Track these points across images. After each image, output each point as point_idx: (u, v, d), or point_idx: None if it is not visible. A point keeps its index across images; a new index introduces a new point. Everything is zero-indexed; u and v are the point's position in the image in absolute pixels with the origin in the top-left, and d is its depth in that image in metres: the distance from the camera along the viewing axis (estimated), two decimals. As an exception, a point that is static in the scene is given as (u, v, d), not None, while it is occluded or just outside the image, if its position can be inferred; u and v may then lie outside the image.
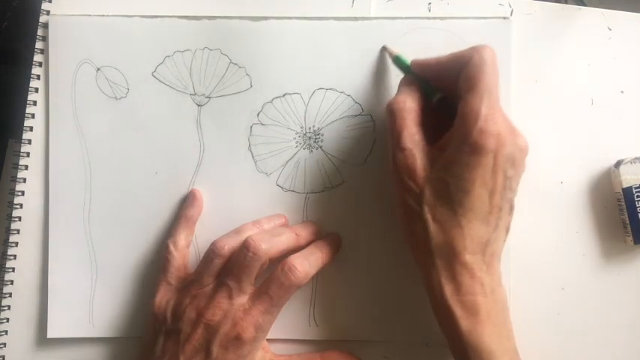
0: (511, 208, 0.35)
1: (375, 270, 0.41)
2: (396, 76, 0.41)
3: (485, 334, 0.32)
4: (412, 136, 0.35)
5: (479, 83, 0.33)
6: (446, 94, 0.36)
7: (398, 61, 0.40)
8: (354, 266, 0.41)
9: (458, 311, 0.32)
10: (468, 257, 0.33)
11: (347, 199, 0.41)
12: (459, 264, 0.33)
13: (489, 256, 0.34)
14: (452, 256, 0.33)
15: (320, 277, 0.41)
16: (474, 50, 0.34)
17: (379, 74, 0.41)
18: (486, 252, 0.33)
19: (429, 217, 0.34)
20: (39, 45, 0.42)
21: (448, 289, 0.33)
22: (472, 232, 0.33)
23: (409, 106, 0.35)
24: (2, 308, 0.41)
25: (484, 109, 0.32)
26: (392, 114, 0.36)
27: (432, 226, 0.33)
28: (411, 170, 0.34)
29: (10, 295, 0.42)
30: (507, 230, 0.35)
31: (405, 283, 0.41)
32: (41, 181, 0.42)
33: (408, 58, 0.39)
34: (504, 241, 0.35)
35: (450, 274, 0.33)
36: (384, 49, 0.41)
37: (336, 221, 0.41)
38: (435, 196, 0.33)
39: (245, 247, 0.36)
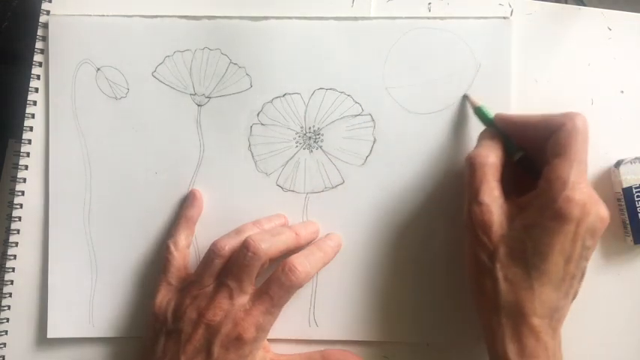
0: (582, 276, 0.35)
1: (375, 270, 0.41)
2: (396, 76, 0.41)
3: None
4: (491, 190, 0.35)
5: (569, 151, 0.33)
6: (527, 150, 0.37)
7: (480, 112, 0.39)
8: (354, 266, 0.41)
9: None
10: (537, 321, 0.33)
11: (347, 199, 0.41)
12: (526, 326, 0.33)
13: (556, 321, 0.34)
14: (520, 317, 0.33)
15: (320, 277, 0.41)
16: (567, 117, 0.34)
17: (379, 74, 0.41)
18: (554, 317, 0.33)
19: (500, 275, 0.33)
20: (39, 45, 0.42)
21: (512, 350, 0.33)
22: (543, 296, 0.33)
23: (491, 162, 0.35)
24: (2, 308, 0.41)
25: (572, 177, 0.32)
26: (472, 167, 0.35)
27: (503, 285, 0.33)
28: (486, 226, 0.34)
29: (10, 295, 0.42)
30: (575, 296, 0.35)
31: (405, 284, 0.41)
32: (41, 181, 0.42)
33: (491, 111, 0.38)
34: (570, 306, 0.35)
35: (516, 335, 0.33)
36: (465, 97, 0.41)
37: (336, 221, 0.41)
38: (509, 255, 0.33)
39: (245, 247, 0.36)
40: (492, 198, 0.35)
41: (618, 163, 0.40)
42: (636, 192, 0.40)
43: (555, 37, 0.42)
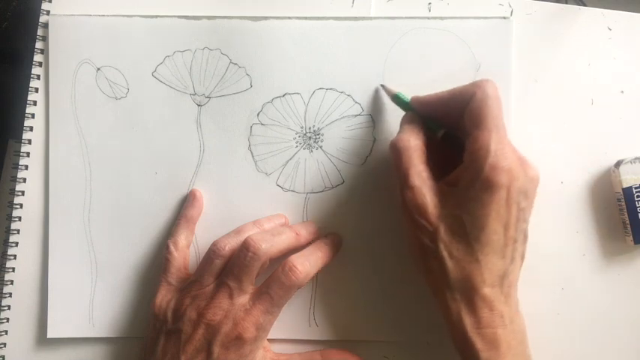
0: (525, 238, 0.35)
1: (375, 270, 0.41)
2: (396, 76, 0.41)
3: None
4: (419, 173, 0.35)
5: (485, 119, 0.33)
6: (448, 128, 0.37)
7: (397, 100, 0.39)
8: (354, 266, 0.41)
9: (478, 344, 0.33)
10: (487, 290, 0.33)
11: (347, 199, 0.41)
12: (479, 298, 0.33)
13: (507, 286, 0.34)
14: (471, 291, 0.33)
15: (320, 277, 0.41)
16: (476, 86, 0.34)
17: (379, 74, 0.41)
18: (504, 283, 0.34)
19: (445, 254, 0.34)
20: (39, 45, 0.42)
21: (468, 323, 0.33)
22: (489, 265, 0.33)
23: (414, 144, 0.35)
24: (2, 308, 0.41)
25: (493, 145, 0.32)
26: (397, 152, 0.36)
27: (449, 263, 0.34)
28: (421, 208, 0.34)
29: (10, 295, 0.42)
30: (523, 258, 0.35)
31: (405, 283, 0.41)
32: (41, 181, 0.42)
33: (408, 95, 0.38)
34: (520, 268, 0.35)
35: (470, 308, 0.33)
36: (382, 87, 0.41)
37: (336, 221, 0.41)
38: (449, 232, 0.34)
39: (245, 246, 0.36)
40: (422, 180, 0.35)
41: (618, 163, 0.40)
42: (636, 192, 0.40)
43: (555, 37, 0.42)
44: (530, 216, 0.35)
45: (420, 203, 0.34)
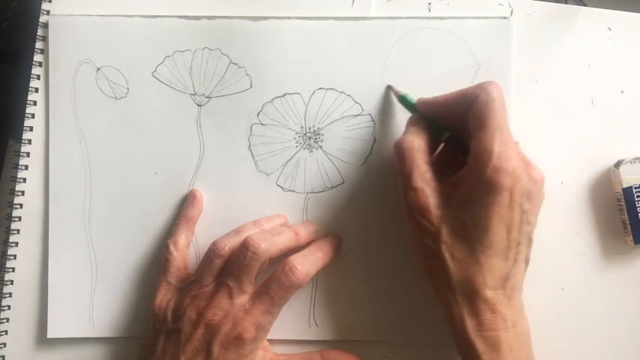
0: (530, 241, 0.35)
1: (375, 270, 0.41)
2: (396, 76, 0.41)
3: None
4: (423, 174, 0.35)
5: (489, 121, 0.33)
6: (454, 131, 0.37)
7: (403, 101, 0.39)
8: (354, 266, 0.41)
9: (480, 347, 0.32)
10: (489, 293, 0.33)
11: (347, 199, 0.41)
12: (481, 300, 0.33)
13: (510, 289, 0.34)
14: (473, 293, 0.33)
15: (320, 277, 0.41)
16: (480, 88, 0.34)
17: (379, 74, 0.41)
18: (507, 286, 0.34)
19: (447, 255, 0.34)
20: (39, 45, 0.42)
21: (470, 325, 0.33)
22: (492, 267, 0.33)
23: (418, 145, 0.35)
24: (2, 308, 0.41)
25: (497, 147, 0.32)
26: (400, 153, 0.36)
27: (451, 264, 0.33)
28: (424, 209, 0.34)
29: (10, 295, 0.42)
30: (527, 262, 0.35)
31: (405, 283, 0.41)
32: (41, 181, 0.42)
33: (414, 97, 0.39)
34: (524, 272, 0.35)
35: (472, 311, 0.33)
36: (389, 87, 0.41)
37: (336, 221, 0.41)
38: (451, 234, 0.34)
39: (245, 246, 0.36)
40: (425, 181, 0.35)
41: (618, 163, 0.40)
42: (636, 192, 0.40)
43: (555, 37, 0.42)
44: (535, 219, 0.35)
45: (423, 204, 0.34)
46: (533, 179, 0.33)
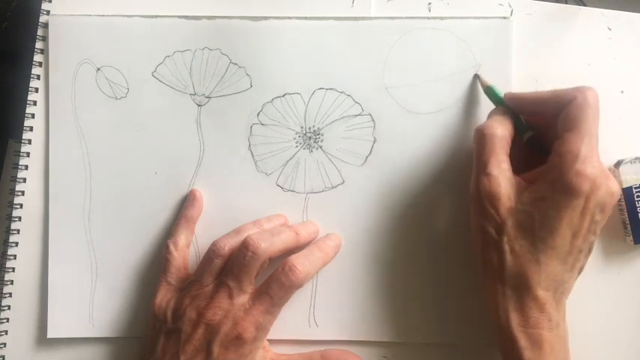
0: (589, 251, 0.35)
1: (375, 270, 0.41)
2: (396, 76, 0.41)
3: None
4: (500, 163, 0.35)
5: (581, 124, 0.33)
6: (536, 129, 0.36)
7: (490, 92, 0.39)
8: (354, 266, 0.41)
9: (522, 342, 0.33)
10: (541, 292, 0.33)
11: (347, 199, 0.41)
12: (531, 297, 0.33)
13: (560, 294, 0.34)
14: (524, 289, 0.33)
15: (320, 277, 0.41)
16: (578, 91, 0.34)
17: (379, 74, 0.41)
18: (558, 290, 0.34)
19: (507, 247, 0.33)
20: (39, 45, 0.42)
21: (515, 319, 0.33)
22: (549, 269, 0.33)
23: (500, 134, 0.35)
24: (2, 308, 0.41)
25: (584, 151, 0.32)
26: (481, 139, 0.35)
27: (509, 257, 0.33)
28: (494, 197, 0.34)
29: (10, 295, 0.42)
30: (581, 271, 0.35)
31: (405, 283, 0.41)
32: (41, 181, 0.42)
33: (501, 90, 0.39)
34: (575, 280, 0.35)
35: (519, 306, 0.33)
36: (476, 77, 0.41)
37: (336, 221, 0.41)
38: (516, 227, 0.33)
39: (244, 246, 0.36)
40: (501, 170, 0.34)
41: (618, 163, 0.40)
42: (636, 192, 0.40)
43: (555, 37, 0.42)
44: (600, 230, 0.34)
45: (495, 192, 0.34)
46: (610, 191, 0.33)
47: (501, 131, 0.35)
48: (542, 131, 0.36)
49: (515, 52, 0.41)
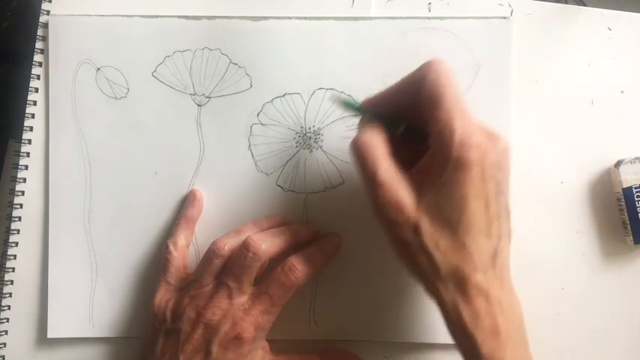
0: (508, 213, 0.33)
1: (376, 270, 0.41)
2: (396, 76, 0.41)
3: (507, 357, 0.31)
4: (387, 168, 0.33)
5: (443, 97, 0.32)
6: (408, 120, 0.35)
7: (348, 106, 0.37)
8: (354, 266, 0.41)
9: (479, 337, 0.31)
10: (480, 277, 0.31)
11: (347, 199, 0.41)
12: (473, 287, 0.31)
13: (499, 268, 0.32)
14: (464, 280, 0.31)
15: (320, 277, 0.41)
16: (425, 68, 0.33)
17: (379, 74, 0.41)
18: (496, 265, 0.32)
19: (430, 245, 0.32)
20: (39, 45, 0.42)
21: (466, 315, 0.31)
22: (478, 247, 0.32)
23: (376, 140, 0.33)
24: (2, 308, 0.41)
25: (457, 122, 0.31)
26: (359, 151, 0.33)
27: (437, 254, 0.32)
28: (396, 204, 0.32)
29: (10, 295, 0.42)
30: (510, 237, 0.34)
31: (405, 283, 0.41)
32: (41, 181, 0.42)
33: (358, 99, 0.37)
34: (509, 247, 0.34)
35: (466, 299, 0.31)
36: (331, 98, 0.41)
37: (336, 221, 0.41)
38: (431, 223, 0.32)
39: (245, 246, 0.36)
40: (390, 174, 0.33)
41: (618, 163, 0.40)
42: (636, 192, 0.40)
43: (555, 37, 0.42)
44: (507, 188, 0.33)
45: (394, 199, 0.32)
46: (500, 149, 0.32)
47: (375, 137, 0.34)
48: (415, 120, 0.34)
49: (515, 52, 0.41)
